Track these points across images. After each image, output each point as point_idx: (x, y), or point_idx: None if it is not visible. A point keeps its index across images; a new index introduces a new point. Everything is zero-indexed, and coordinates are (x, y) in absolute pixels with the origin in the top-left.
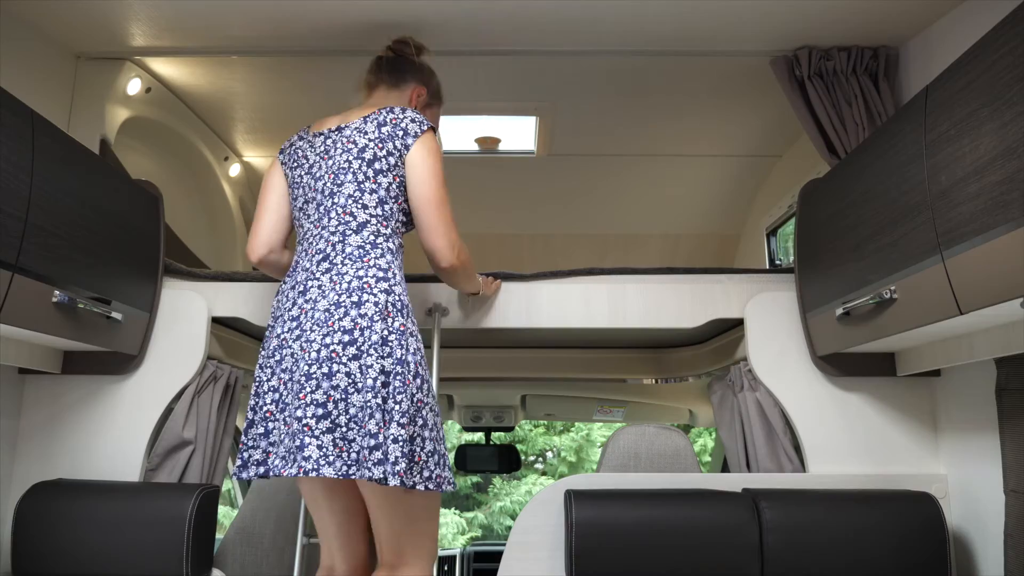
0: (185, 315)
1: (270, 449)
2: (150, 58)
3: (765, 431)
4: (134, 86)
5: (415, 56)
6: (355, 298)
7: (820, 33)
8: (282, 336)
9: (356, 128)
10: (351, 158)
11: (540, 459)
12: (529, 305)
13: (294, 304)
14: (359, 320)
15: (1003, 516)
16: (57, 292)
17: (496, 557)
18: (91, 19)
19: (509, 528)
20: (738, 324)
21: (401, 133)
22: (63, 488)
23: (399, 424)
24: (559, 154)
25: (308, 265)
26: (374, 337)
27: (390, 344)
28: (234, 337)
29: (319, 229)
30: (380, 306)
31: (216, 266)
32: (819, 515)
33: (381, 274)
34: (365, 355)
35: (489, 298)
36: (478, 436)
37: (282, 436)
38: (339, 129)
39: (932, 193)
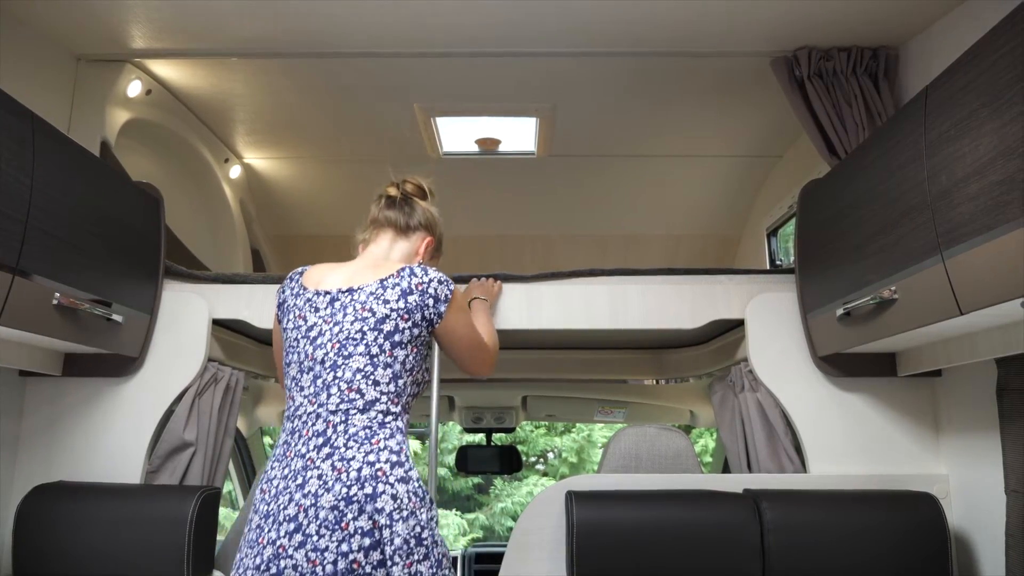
0: (186, 317)
1: None
2: (150, 60)
3: (766, 432)
4: (134, 88)
5: (425, 200)
6: (368, 489)
7: (820, 33)
8: (279, 543)
9: (372, 294)
10: (365, 328)
11: (541, 460)
12: (530, 306)
13: (291, 501)
14: (376, 517)
15: (1004, 516)
16: (58, 294)
17: (497, 558)
18: (91, 21)
19: (510, 529)
20: (739, 325)
21: (431, 301)
22: (64, 490)
23: None
24: (559, 155)
25: (304, 450)
26: (397, 541)
27: (425, 544)
28: (235, 339)
29: (315, 407)
30: (399, 501)
31: (216, 268)
32: (820, 516)
33: (395, 458)
34: (396, 561)
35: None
36: (479, 437)
37: None
38: (349, 291)
39: (932, 193)
